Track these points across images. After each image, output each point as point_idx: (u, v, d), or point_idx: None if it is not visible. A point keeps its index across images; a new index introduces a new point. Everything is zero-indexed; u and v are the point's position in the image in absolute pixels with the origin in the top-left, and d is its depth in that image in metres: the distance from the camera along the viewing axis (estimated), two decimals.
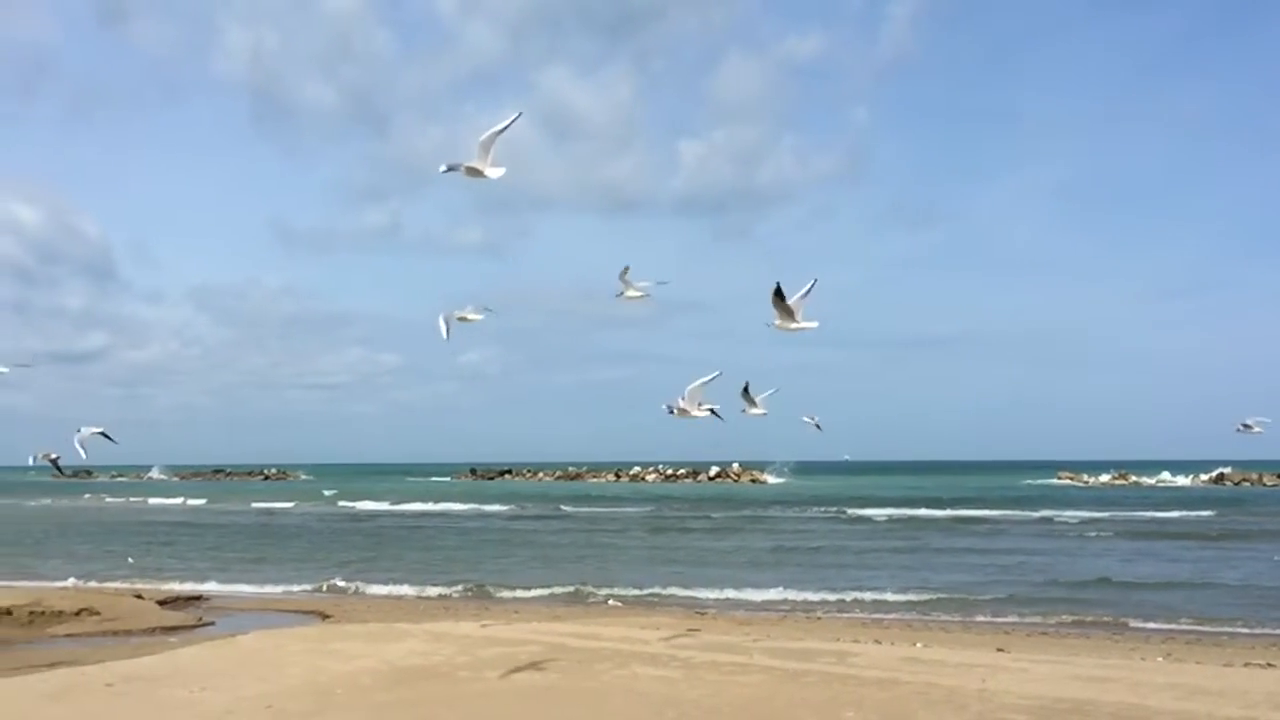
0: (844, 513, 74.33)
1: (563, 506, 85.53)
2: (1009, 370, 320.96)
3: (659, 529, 60.95)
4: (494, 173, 12.11)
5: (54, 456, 18.93)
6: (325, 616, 27.28)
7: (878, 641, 21.45)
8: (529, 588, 33.93)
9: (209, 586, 34.42)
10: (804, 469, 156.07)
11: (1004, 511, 74.67)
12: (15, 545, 51.27)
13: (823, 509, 78.51)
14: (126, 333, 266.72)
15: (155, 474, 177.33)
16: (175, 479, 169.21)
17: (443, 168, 11.95)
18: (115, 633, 24.61)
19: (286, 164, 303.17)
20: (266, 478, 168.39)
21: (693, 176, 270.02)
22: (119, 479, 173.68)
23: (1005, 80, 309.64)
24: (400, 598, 32.58)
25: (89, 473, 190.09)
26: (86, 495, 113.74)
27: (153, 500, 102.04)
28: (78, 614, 26.18)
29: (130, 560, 42.17)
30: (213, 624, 26.45)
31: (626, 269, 15.19)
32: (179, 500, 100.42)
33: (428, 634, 20.64)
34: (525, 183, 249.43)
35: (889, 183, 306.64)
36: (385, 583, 35.77)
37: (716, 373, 15.55)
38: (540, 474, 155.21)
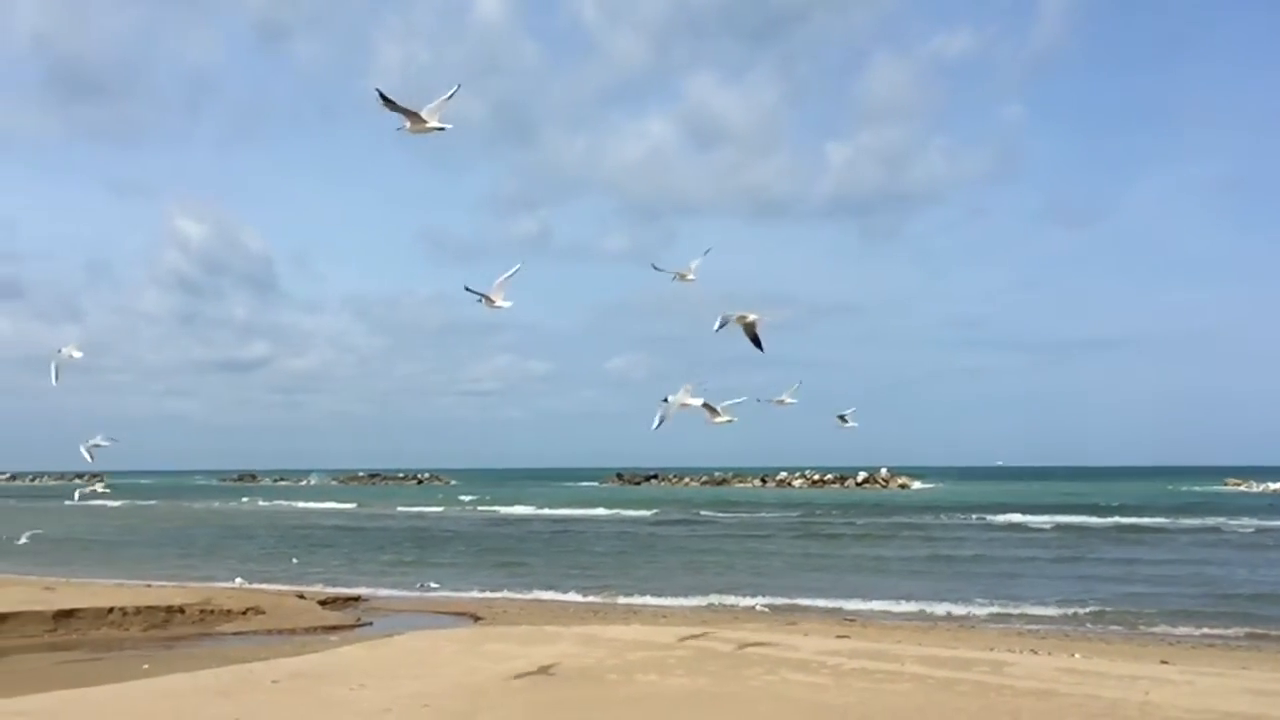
0: (998, 520, 72.50)
1: (708, 512, 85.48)
2: (1171, 372, 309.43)
3: (806, 535, 60.43)
4: (504, 304, 14.08)
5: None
6: (477, 618, 27.81)
7: (1034, 651, 20.87)
8: (676, 593, 33.97)
9: (366, 588, 35.38)
10: (955, 474, 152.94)
11: (1169, 519, 71.70)
12: (188, 546, 53.70)
13: (975, 516, 76.70)
14: (287, 341, 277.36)
15: (313, 479, 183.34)
16: (333, 483, 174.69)
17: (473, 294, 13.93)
18: (279, 631, 25.54)
19: (438, 176, 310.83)
20: (420, 482, 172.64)
21: (840, 179, 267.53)
22: (280, 483, 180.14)
23: (1164, 73, 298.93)
24: (550, 601, 32.98)
25: (253, 476, 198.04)
26: (244, 499, 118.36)
27: (312, 504, 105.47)
28: (244, 613, 27.26)
29: (294, 561, 43.71)
30: (370, 624, 27.23)
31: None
32: (336, 504, 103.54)
33: (577, 637, 20.85)
34: (670, 189, 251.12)
35: (1043, 180, 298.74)
36: (535, 586, 36.27)
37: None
38: (686, 479, 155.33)
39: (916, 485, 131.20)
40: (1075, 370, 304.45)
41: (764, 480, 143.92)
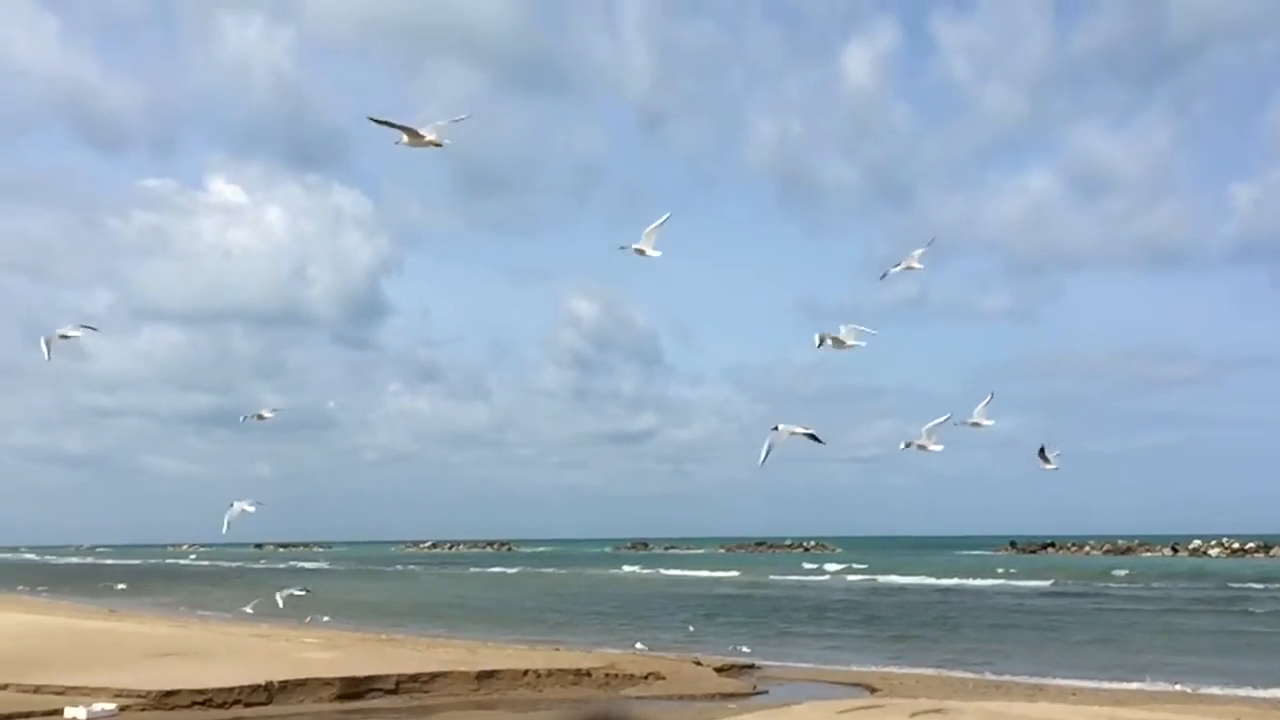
0: None
1: (1112, 583, 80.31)
2: None
3: (1226, 610, 55.27)
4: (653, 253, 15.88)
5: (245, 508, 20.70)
6: (873, 690, 27.45)
7: None
8: (1082, 669, 32.05)
9: (759, 656, 35.60)
10: None
11: None
12: (589, 612, 56.50)
13: None
14: (672, 413, 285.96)
15: (701, 550, 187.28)
16: (720, 551, 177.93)
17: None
18: (679, 696, 26.35)
19: (812, 243, 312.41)
20: (806, 550, 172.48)
21: (1246, 221, 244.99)
22: (670, 551, 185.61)
23: None
24: (946, 675, 31.97)
25: (645, 544, 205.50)
26: (636, 567, 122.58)
27: (700, 572, 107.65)
28: (646, 678, 28.32)
29: (690, 629, 44.82)
30: (765, 693, 27.55)
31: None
32: (723, 572, 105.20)
33: (981, 713, 20.16)
34: (1053, 243, 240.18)
35: None
36: (929, 658, 35.31)
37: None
38: (1086, 547, 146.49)
39: None
40: None
41: (1175, 549, 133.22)
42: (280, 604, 28.97)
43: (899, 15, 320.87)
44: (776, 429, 15.00)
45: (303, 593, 29.85)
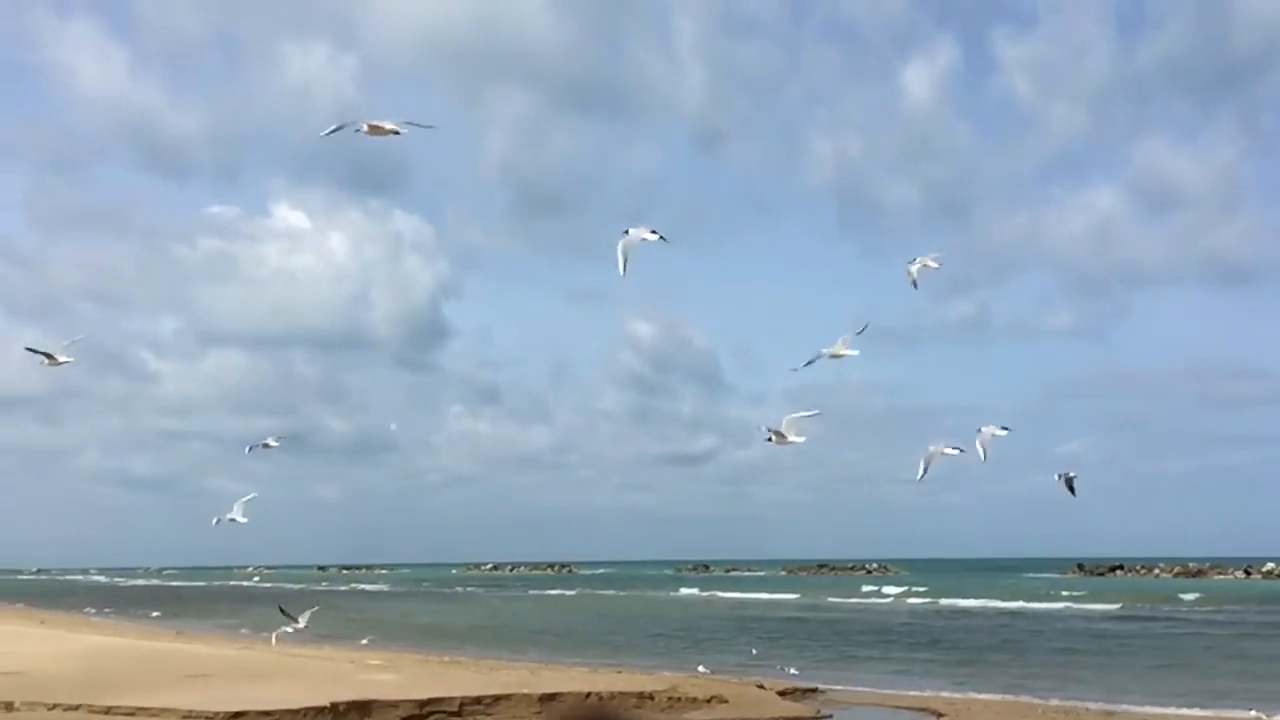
0: None
1: (1182, 607, 78.65)
2: None
3: None
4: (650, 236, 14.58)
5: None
6: (939, 715, 27.07)
7: None
8: (1155, 696, 31.38)
9: (823, 680, 35.19)
10: None
11: None
12: (650, 634, 56.31)
13: None
14: (732, 434, 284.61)
15: (762, 572, 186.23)
16: (781, 573, 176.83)
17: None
18: None
19: (871, 263, 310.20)
20: (868, 572, 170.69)
21: None
22: (731, 573, 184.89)
23: None
24: (1014, 700, 31.38)
25: (706, 566, 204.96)
26: (685, 589, 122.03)
27: (760, 595, 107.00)
28: (709, 701, 28.14)
29: (753, 652, 44.46)
30: (830, 717, 27.26)
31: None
32: (783, 595, 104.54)
33: None
34: (1119, 260, 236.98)
35: None
36: (996, 683, 34.68)
37: (817, 411, 15.73)
38: (1156, 570, 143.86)
39: None
40: None
41: (1248, 571, 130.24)
42: (303, 622, 29.05)
43: (958, 32, 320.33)
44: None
45: (303, 624, 29.84)
